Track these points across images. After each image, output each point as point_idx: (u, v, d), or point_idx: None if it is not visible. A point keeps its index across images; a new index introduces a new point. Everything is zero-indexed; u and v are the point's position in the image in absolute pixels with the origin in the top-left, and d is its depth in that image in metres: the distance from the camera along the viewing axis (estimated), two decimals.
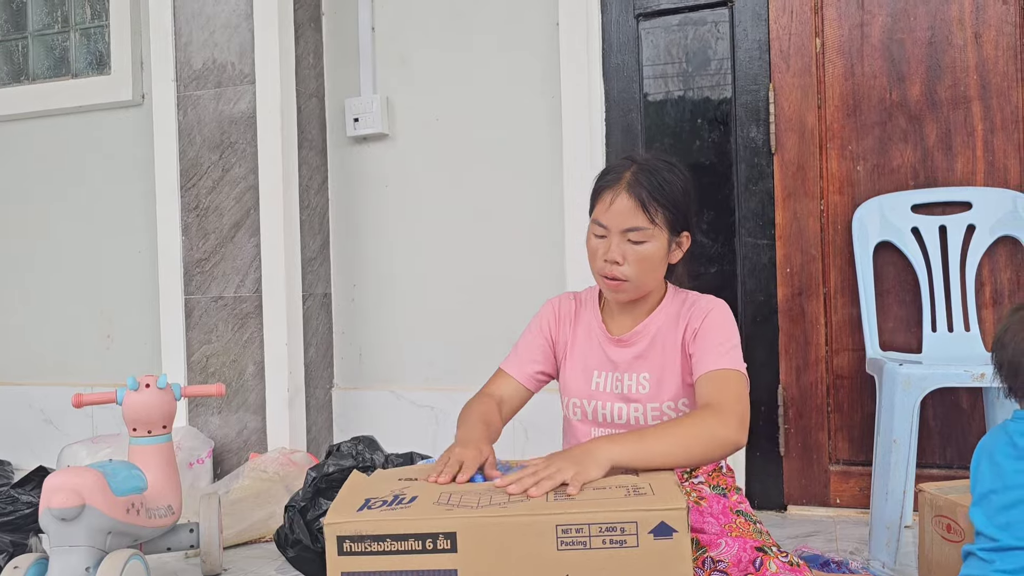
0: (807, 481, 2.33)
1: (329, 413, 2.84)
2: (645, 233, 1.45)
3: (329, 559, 1.07)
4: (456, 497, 1.12)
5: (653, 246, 1.47)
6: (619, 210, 1.46)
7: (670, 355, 1.53)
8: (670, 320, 1.55)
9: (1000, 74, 2.18)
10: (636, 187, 1.45)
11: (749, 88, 2.38)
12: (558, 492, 1.11)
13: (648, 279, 1.50)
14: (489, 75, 2.67)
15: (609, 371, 1.57)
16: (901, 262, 2.22)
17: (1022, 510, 1.18)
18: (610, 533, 1.02)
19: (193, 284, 2.73)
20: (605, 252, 1.48)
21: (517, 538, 1.04)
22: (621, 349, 1.56)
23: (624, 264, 1.47)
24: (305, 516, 1.99)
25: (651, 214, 1.45)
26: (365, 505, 1.12)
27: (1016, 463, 1.21)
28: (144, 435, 1.84)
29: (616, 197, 1.46)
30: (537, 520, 1.04)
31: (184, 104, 2.74)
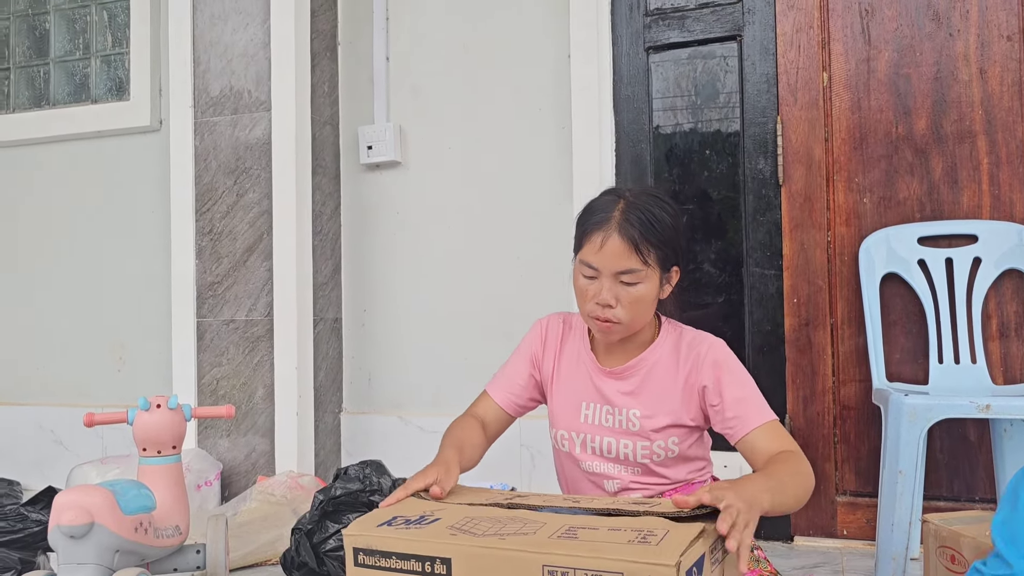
0: (814, 512, 2.33)
1: (337, 437, 2.85)
2: (639, 275, 1.42)
3: (348, 570, 1.11)
4: (472, 523, 1.12)
5: (646, 287, 1.44)
6: (611, 252, 1.41)
7: (667, 394, 1.51)
8: (668, 358, 1.52)
9: (1005, 109, 2.21)
10: (627, 228, 1.41)
11: (757, 120, 2.41)
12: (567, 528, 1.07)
13: (640, 319, 1.48)
14: (501, 105, 2.72)
15: (598, 403, 1.55)
16: (908, 294, 2.23)
17: None
18: None
19: (205, 307, 2.76)
20: (596, 294, 1.44)
21: (505, 572, 1.02)
22: (612, 381, 1.54)
23: (617, 307, 1.43)
24: (312, 539, 2.00)
25: (644, 255, 1.41)
26: (389, 522, 1.14)
27: None
28: (154, 455, 1.86)
29: (607, 238, 1.41)
30: (525, 556, 1.02)
31: (201, 130, 2.79)
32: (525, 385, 1.61)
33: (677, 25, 2.51)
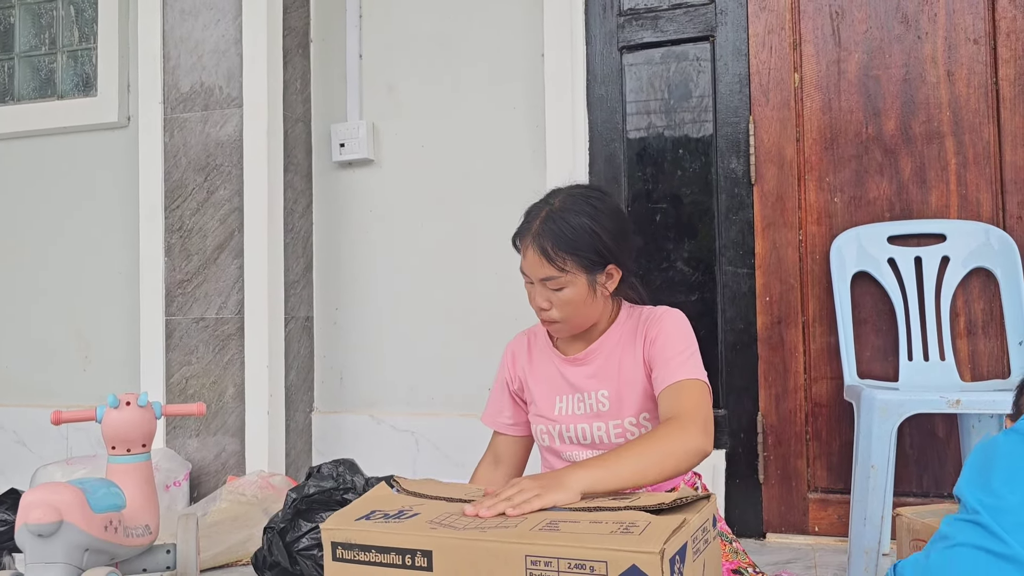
0: (786, 509, 2.35)
1: (308, 437, 2.82)
2: (559, 281, 1.46)
3: (326, 564, 1.10)
4: (452, 518, 1.11)
5: (572, 291, 1.47)
6: (531, 262, 1.49)
7: (628, 371, 1.53)
8: (626, 336, 1.55)
9: (972, 111, 2.25)
10: (540, 238, 1.46)
11: (730, 120, 2.43)
12: (549, 521, 1.07)
13: (580, 318, 1.52)
14: (474, 104, 2.71)
15: (569, 393, 1.58)
16: (878, 292, 2.26)
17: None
18: (579, 571, 0.97)
19: (174, 305, 2.72)
20: (532, 299, 1.52)
21: (488, 564, 1.02)
22: (576, 368, 1.58)
23: (551, 309, 1.49)
24: (284, 538, 1.98)
25: (559, 264, 1.45)
26: (367, 516, 1.13)
27: None
28: (123, 454, 1.82)
29: (527, 248, 1.49)
30: (507, 548, 1.01)
31: (171, 126, 2.75)
32: (508, 407, 1.68)
33: (650, 25, 2.52)
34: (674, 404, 1.40)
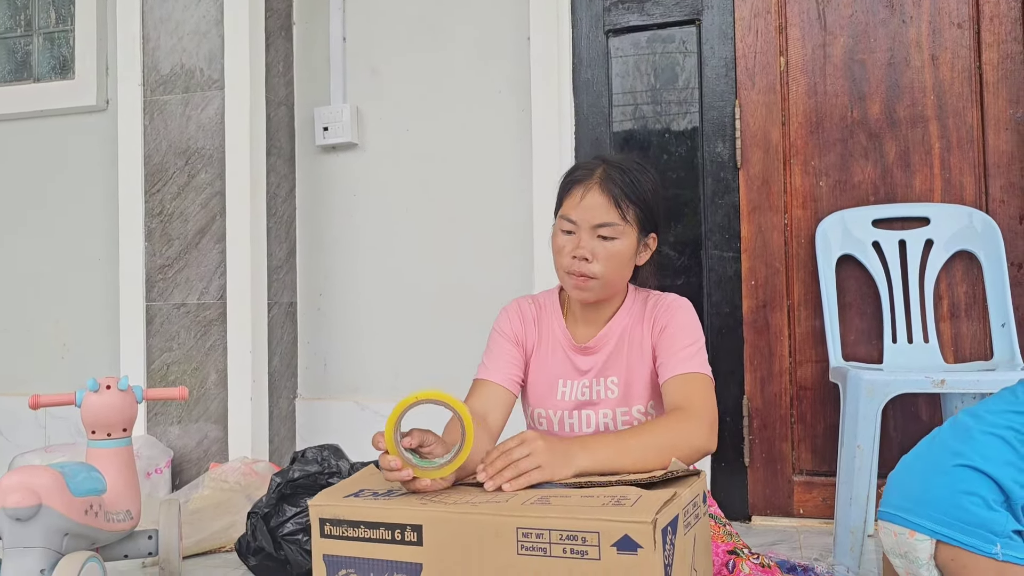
0: (771, 492, 2.35)
1: (292, 423, 2.80)
2: (616, 229, 1.43)
3: (313, 540, 1.08)
4: (443, 495, 1.10)
5: (623, 244, 1.44)
6: (591, 205, 1.43)
7: (636, 357, 1.51)
8: (635, 321, 1.53)
9: (956, 95, 2.26)
10: (609, 183, 1.43)
11: (716, 104, 2.43)
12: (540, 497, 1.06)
13: (616, 278, 1.48)
14: (460, 87, 2.69)
15: (576, 379, 1.54)
16: (863, 275, 2.27)
17: None
18: (571, 542, 0.97)
19: (155, 291, 2.69)
20: (574, 248, 1.44)
21: (479, 537, 1.01)
22: (587, 357, 1.53)
23: (593, 261, 1.43)
24: (268, 523, 1.96)
25: (623, 210, 1.42)
26: (356, 494, 1.11)
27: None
28: (103, 438, 1.79)
29: (588, 192, 1.44)
30: (498, 520, 1.00)
31: (151, 109, 2.71)
32: (517, 363, 1.56)
33: (637, 8, 2.51)
34: (682, 396, 1.38)
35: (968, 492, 1.15)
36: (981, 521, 1.14)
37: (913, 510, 1.20)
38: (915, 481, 1.22)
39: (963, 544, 1.14)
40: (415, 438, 1.14)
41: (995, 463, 1.15)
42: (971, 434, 1.19)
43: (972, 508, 1.14)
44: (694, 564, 1.08)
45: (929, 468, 1.20)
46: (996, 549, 1.12)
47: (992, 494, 1.14)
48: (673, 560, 0.99)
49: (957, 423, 1.25)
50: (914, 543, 1.19)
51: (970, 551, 1.14)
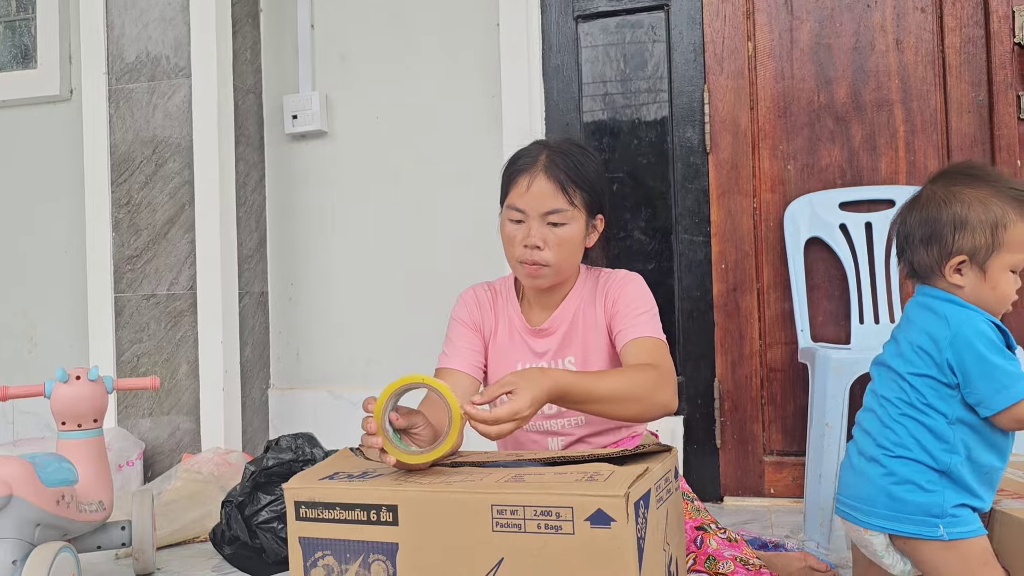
0: (742, 472, 2.38)
1: (265, 414, 2.78)
2: (565, 215, 1.44)
3: (289, 524, 1.08)
4: (417, 476, 1.10)
5: (573, 228, 1.46)
6: (538, 193, 1.44)
7: (592, 335, 1.53)
8: (587, 299, 1.55)
9: (920, 79, 2.29)
10: (554, 169, 1.44)
11: (685, 89, 2.44)
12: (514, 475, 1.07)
13: (567, 263, 1.50)
14: (430, 75, 2.68)
15: (534, 361, 1.56)
16: (830, 258, 2.30)
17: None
18: (545, 517, 0.97)
19: (124, 282, 2.66)
20: (525, 237, 1.45)
21: (454, 516, 1.02)
22: (543, 339, 1.55)
23: (545, 249, 1.45)
24: (243, 512, 1.95)
25: (570, 195, 1.44)
26: (330, 476, 1.11)
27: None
28: (74, 429, 1.78)
29: (534, 180, 1.44)
30: (473, 498, 1.01)
31: (116, 98, 2.67)
32: (478, 349, 1.58)
33: None
34: (646, 356, 1.40)
35: (900, 482, 1.18)
36: (919, 507, 1.17)
37: (859, 508, 1.23)
38: (854, 479, 1.25)
39: (909, 533, 1.17)
40: (405, 419, 1.14)
41: (914, 443, 1.18)
42: (884, 423, 1.22)
43: (907, 497, 1.17)
44: (667, 538, 1.10)
45: (863, 465, 1.24)
46: (940, 531, 1.15)
47: (924, 475, 1.17)
48: (646, 534, 1.00)
49: (871, 411, 1.27)
50: (868, 538, 1.22)
51: (917, 538, 1.17)
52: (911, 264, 1.26)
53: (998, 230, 1.18)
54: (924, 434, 1.18)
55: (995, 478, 1.22)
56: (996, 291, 1.20)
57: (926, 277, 1.24)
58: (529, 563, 0.98)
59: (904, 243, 1.26)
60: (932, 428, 1.18)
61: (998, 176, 1.23)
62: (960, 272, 1.20)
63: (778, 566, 1.59)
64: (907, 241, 1.25)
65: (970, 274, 1.20)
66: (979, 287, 1.20)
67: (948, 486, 1.17)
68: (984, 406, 1.16)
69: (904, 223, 1.25)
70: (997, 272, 1.19)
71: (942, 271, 1.21)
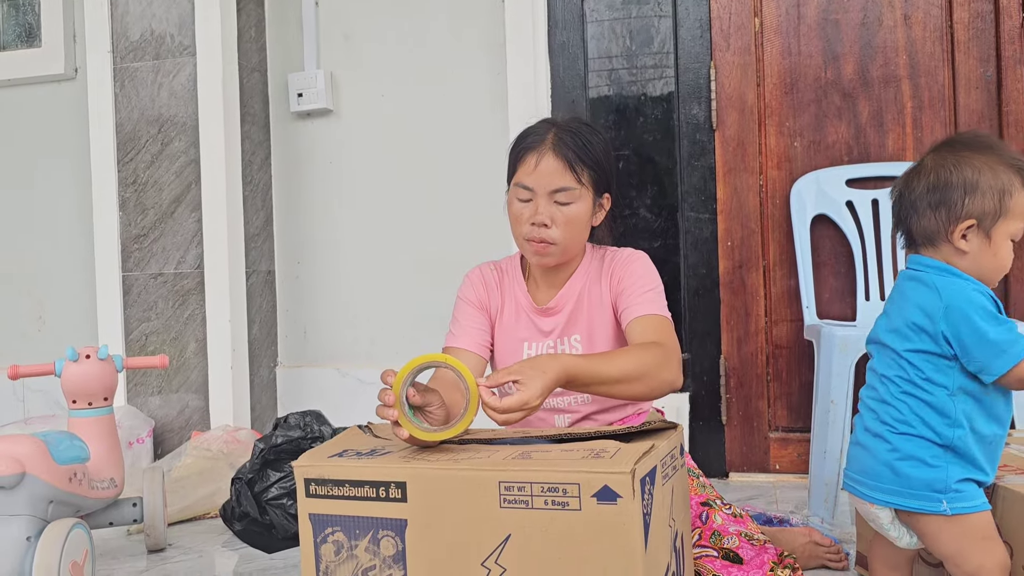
0: (747, 449, 2.40)
1: (274, 392, 2.80)
2: (573, 194, 1.44)
3: (299, 501, 1.10)
4: (425, 453, 1.11)
5: (580, 207, 1.46)
6: (546, 171, 1.44)
7: (597, 314, 1.53)
8: (593, 278, 1.55)
9: (927, 54, 2.27)
10: (562, 147, 1.44)
11: (691, 66, 2.43)
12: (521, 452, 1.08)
13: (575, 242, 1.50)
14: (435, 52, 2.67)
15: (540, 340, 1.56)
16: (836, 235, 2.30)
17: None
18: (552, 494, 0.98)
19: (131, 261, 2.67)
20: (532, 215, 1.45)
21: (462, 492, 1.02)
22: (549, 318, 1.55)
23: (552, 227, 1.44)
24: (253, 488, 1.98)
25: (578, 173, 1.44)
26: (339, 454, 1.13)
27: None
28: (84, 407, 1.80)
29: (542, 158, 1.44)
30: (481, 475, 1.02)
31: (121, 76, 2.67)
32: (484, 328, 1.58)
33: None
34: (652, 334, 1.40)
35: (904, 458, 1.19)
36: (923, 482, 1.17)
37: (864, 483, 1.24)
38: (861, 453, 1.26)
39: (913, 508, 1.18)
40: (421, 397, 1.15)
41: (917, 420, 1.19)
42: (886, 400, 1.23)
43: (912, 473, 1.18)
44: (672, 514, 1.11)
45: (868, 440, 1.24)
46: (943, 506, 1.16)
47: (928, 451, 1.18)
48: (652, 510, 1.01)
49: (872, 389, 1.28)
50: (875, 512, 1.23)
51: (921, 512, 1.18)
52: (910, 232, 1.26)
53: (1005, 197, 1.18)
54: (926, 410, 1.19)
55: (998, 448, 1.23)
56: (996, 258, 1.21)
57: (927, 244, 1.24)
58: (536, 539, 0.99)
59: (908, 209, 1.25)
60: (933, 403, 1.18)
61: (1001, 145, 1.24)
62: (965, 238, 1.20)
63: (783, 541, 1.61)
64: (913, 207, 1.24)
65: (975, 240, 1.20)
66: (982, 253, 1.20)
67: (952, 461, 1.18)
68: (986, 372, 1.16)
69: (910, 189, 1.25)
70: (1000, 239, 1.20)
71: (949, 236, 1.21)
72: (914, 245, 1.27)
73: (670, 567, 1.09)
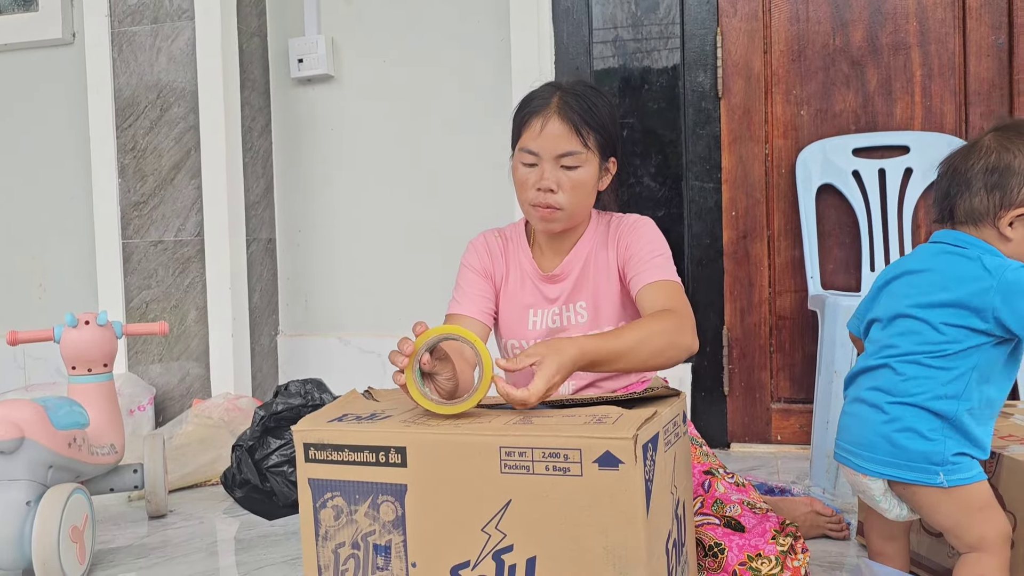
0: (750, 419, 2.39)
1: (275, 360, 2.80)
2: (579, 158, 1.42)
3: (298, 465, 1.09)
4: (425, 419, 1.10)
5: (586, 171, 1.44)
6: (551, 135, 1.42)
7: (604, 280, 1.52)
8: (599, 244, 1.54)
9: (938, 21, 2.23)
10: (567, 111, 1.42)
11: (697, 33, 2.39)
12: (522, 417, 1.07)
13: (581, 207, 1.48)
14: (437, 17, 2.63)
15: (545, 308, 1.55)
16: (842, 205, 2.27)
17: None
18: (553, 459, 0.98)
19: (131, 228, 2.65)
20: (538, 180, 1.43)
21: (463, 458, 1.02)
22: (555, 285, 1.55)
23: (559, 192, 1.43)
24: (253, 455, 1.97)
25: (584, 137, 1.42)
26: (339, 419, 1.12)
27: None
28: (84, 373, 1.79)
29: (547, 122, 1.42)
30: (481, 440, 1.01)
31: (119, 41, 2.63)
32: (488, 296, 1.56)
33: None
34: (664, 300, 1.39)
35: (901, 429, 1.18)
36: (919, 455, 1.16)
37: (858, 453, 1.23)
38: (855, 424, 1.25)
39: (908, 480, 1.17)
40: (431, 365, 1.13)
41: (918, 391, 1.17)
42: (895, 368, 1.21)
43: (908, 444, 1.17)
44: (674, 481, 1.10)
45: (864, 410, 1.23)
46: (940, 478, 1.15)
47: (926, 423, 1.16)
48: (654, 476, 1.00)
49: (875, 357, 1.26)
50: (867, 483, 1.22)
51: (917, 484, 1.17)
52: (953, 209, 1.24)
53: None
54: (932, 383, 1.17)
55: (995, 415, 1.22)
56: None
57: (970, 222, 1.22)
58: (537, 505, 0.99)
59: (961, 184, 1.23)
60: (947, 379, 1.17)
61: None
62: (1012, 225, 1.19)
63: (784, 510, 1.60)
64: (966, 183, 1.22)
65: (1021, 229, 1.19)
66: (1022, 244, 1.20)
67: (950, 435, 1.16)
68: None
69: (967, 165, 1.23)
70: None
71: (996, 220, 1.19)
72: (951, 220, 1.25)
73: (671, 534, 1.08)
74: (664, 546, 1.04)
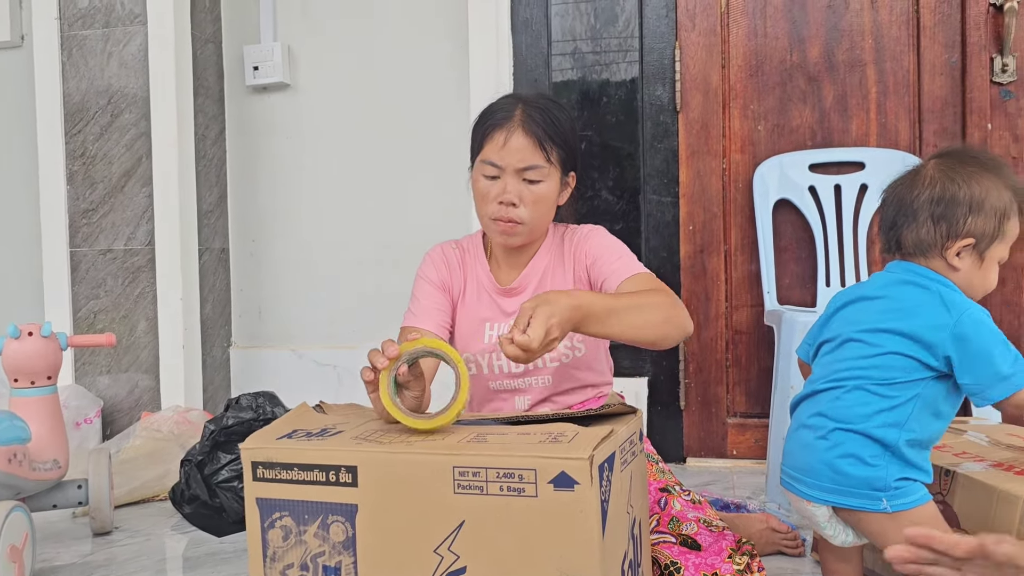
0: (705, 434, 2.39)
1: (227, 372, 2.74)
2: (542, 172, 1.41)
3: (246, 484, 1.05)
4: (378, 435, 1.07)
5: (548, 186, 1.43)
6: (515, 148, 1.40)
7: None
8: (555, 258, 1.53)
9: (893, 39, 2.27)
10: (531, 125, 1.40)
11: (656, 46, 2.40)
12: (476, 435, 1.04)
13: (542, 222, 1.47)
14: (396, 27, 2.61)
15: (502, 321, 1.52)
16: (798, 220, 2.29)
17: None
18: (508, 480, 0.95)
19: (79, 236, 2.58)
20: (500, 193, 1.42)
21: (415, 477, 0.99)
22: (512, 299, 1.53)
23: (520, 206, 1.42)
24: (203, 470, 1.93)
25: (547, 152, 1.41)
26: (288, 435, 1.08)
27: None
28: (27, 386, 1.73)
29: (511, 135, 1.40)
30: (434, 459, 0.98)
31: (69, 44, 2.57)
32: (444, 309, 1.53)
33: None
34: (646, 285, 1.38)
35: (843, 456, 1.17)
36: (862, 480, 1.16)
37: (802, 480, 1.22)
38: (798, 450, 1.24)
39: (852, 506, 1.17)
40: (406, 380, 1.11)
41: (861, 418, 1.17)
42: (834, 395, 1.20)
43: (850, 470, 1.16)
44: (631, 501, 1.09)
45: (807, 436, 1.22)
46: (883, 504, 1.15)
47: (867, 449, 1.16)
48: (610, 496, 0.99)
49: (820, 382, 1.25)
50: (811, 510, 1.22)
51: (861, 510, 1.16)
52: (900, 240, 1.24)
53: (1004, 220, 1.18)
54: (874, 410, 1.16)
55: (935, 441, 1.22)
56: (985, 279, 1.21)
57: (918, 254, 1.22)
58: (491, 525, 0.96)
59: (906, 215, 1.22)
60: (888, 407, 1.16)
61: (1006, 166, 1.23)
62: (959, 255, 1.19)
63: (740, 527, 1.60)
64: (912, 215, 1.21)
65: (967, 259, 1.19)
66: (973, 272, 1.20)
67: (891, 461, 1.16)
68: (982, 396, 1.14)
69: (912, 196, 1.22)
70: (991, 260, 1.20)
71: (943, 251, 1.19)
72: (899, 251, 1.25)
73: (628, 555, 1.06)
74: (620, 567, 1.02)
